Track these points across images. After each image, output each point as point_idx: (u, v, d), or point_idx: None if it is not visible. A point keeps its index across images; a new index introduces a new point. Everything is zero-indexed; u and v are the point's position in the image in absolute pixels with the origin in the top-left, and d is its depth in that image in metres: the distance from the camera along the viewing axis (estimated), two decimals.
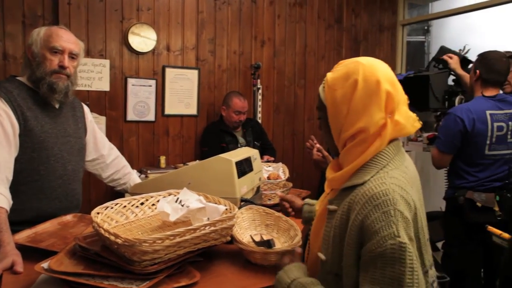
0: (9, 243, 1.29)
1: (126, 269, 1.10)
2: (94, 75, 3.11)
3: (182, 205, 1.34)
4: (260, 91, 3.68)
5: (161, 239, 1.08)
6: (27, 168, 1.58)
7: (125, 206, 1.41)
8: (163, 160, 3.36)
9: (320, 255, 1.02)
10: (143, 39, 3.26)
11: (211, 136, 3.38)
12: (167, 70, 3.42)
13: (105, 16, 3.15)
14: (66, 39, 1.65)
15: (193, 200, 1.36)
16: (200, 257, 1.28)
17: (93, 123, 1.92)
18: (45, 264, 1.12)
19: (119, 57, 3.23)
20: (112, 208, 1.37)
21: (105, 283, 1.07)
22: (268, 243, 1.39)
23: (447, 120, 2.37)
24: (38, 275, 1.15)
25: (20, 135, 1.55)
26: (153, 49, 3.34)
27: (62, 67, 1.63)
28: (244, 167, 1.75)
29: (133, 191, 1.82)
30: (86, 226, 1.56)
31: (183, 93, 3.52)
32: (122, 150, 2.90)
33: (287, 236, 1.48)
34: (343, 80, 1.01)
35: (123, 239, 1.06)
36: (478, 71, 2.36)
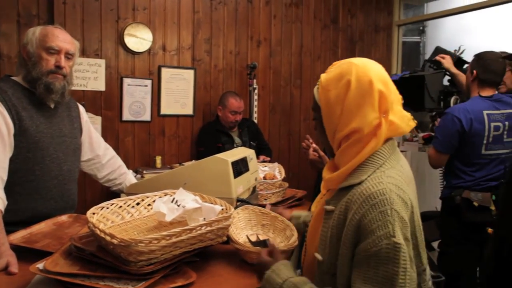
0: (3, 243, 1.29)
1: (122, 270, 1.09)
2: (89, 74, 3.10)
3: (178, 205, 1.34)
4: (256, 91, 3.68)
5: (157, 239, 1.08)
6: (22, 168, 1.57)
7: (120, 207, 1.41)
8: (159, 160, 3.36)
9: (317, 256, 1.02)
10: (138, 38, 3.26)
11: (207, 136, 3.38)
12: (163, 70, 3.41)
13: (101, 16, 3.13)
14: (62, 39, 1.64)
15: (189, 200, 1.35)
16: (196, 257, 1.28)
17: (88, 123, 1.92)
18: (40, 265, 1.12)
19: (114, 56, 3.22)
20: (107, 208, 1.36)
21: (101, 284, 1.07)
22: (264, 243, 1.38)
23: (444, 120, 2.38)
24: (33, 275, 1.14)
25: (15, 135, 1.54)
26: (149, 49, 3.33)
27: (58, 67, 1.62)
28: (240, 167, 1.75)
29: (128, 191, 1.81)
30: (81, 226, 1.55)
31: (179, 93, 3.51)
32: (117, 150, 2.89)
33: (283, 236, 1.48)
34: (336, 81, 1.02)
35: (119, 240, 1.05)
36: (475, 72, 2.38)
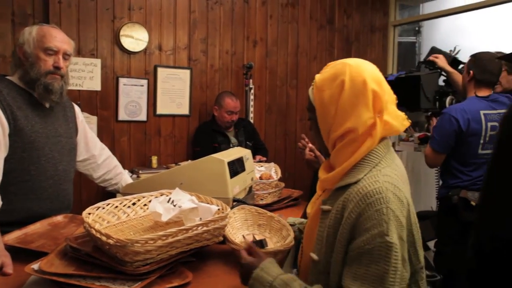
0: None
1: (118, 270, 1.09)
2: (85, 74, 3.09)
3: (174, 205, 1.34)
4: (252, 91, 3.68)
5: (153, 239, 1.08)
6: (17, 168, 1.56)
7: (116, 207, 1.40)
8: (155, 160, 3.35)
9: (313, 255, 1.02)
10: (134, 38, 3.25)
11: (203, 136, 3.37)
12: (159, 69, 3.40)
13: (96, 15, 3.12)
14: (60, 39, 1.64)
15: (185, 200, 1.35)
16: (193, 257, 1.28)
17: (84, 123, 1.91)
18: (35, 265, 1.11)
19: (110, 56, 3.21)
20: (103, 208, 1.36)
21: (97, 284, 1.07)
22: (261, 243, 1.39)
23: (442, 120, 2.40)
24: (28, 276, 1.14)
25: (10, 135, 1.53)
26: (145, 49, 3.32)
27: (57, 68, 1.62)
28: (236, 167, 1.75)
29: (124, 191, 1.81)
30: (77, 226, 1.55)
31: (175, 93, 3.50)
32: (113, 150, 2.88)
33: (279, 236, 1.48)
34: (330, 81, 1.03)
35: (115, 240, 1.05)
36: (471, 72, 2.39)
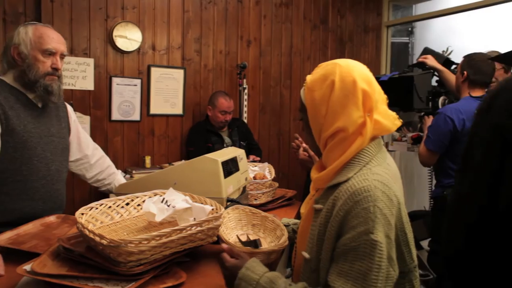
0: None
1: (112, 271, 1.09)
2: (78, 74, 3.07)
3: (168, 206, 1.33)
4: (246, 91, 3.68)
5: (147, 239, 1.07)
6: (10, 168, 1.55)
7: (110, 207, 1.40)
8: (148, 160, 3.33)
9: (304, 254, 1.03)
10: (128, 38, 3.23)
11: (197, 136, 3.37)
12: (153, 69, 3.39)
13: (89, 14, 3.10)
14: (57, 40, 1.64)
15: (179, 200, 1.35)
16: (187, 257, 1.28)
17: (76, 122, 1.90)
18: (27, 266, 1.10)
19: (103, 56, 3.19)
20: (97, 208, 1.35)
21: (90, 285, 1.06)
22: (255, 243, 1.39)
23: (437, 119, 2.43)
24: (20, 277, 1.13)
25: (2, 134, 1.52)
26: (138, 48, 3.31)
27: (55, 69, 1.63)
28: (230, 167, 1.75)
29: (118, 192, 1.80)
30: (70, 227, 1.54)
31: (168, 93, 3.49)
32: (106, 150, 2.88)
33: (273, 236, 1.48)
34: (321, 82, 1.04)
35: (108, 240, 1.05)
36: (465, 72, 2.42)
